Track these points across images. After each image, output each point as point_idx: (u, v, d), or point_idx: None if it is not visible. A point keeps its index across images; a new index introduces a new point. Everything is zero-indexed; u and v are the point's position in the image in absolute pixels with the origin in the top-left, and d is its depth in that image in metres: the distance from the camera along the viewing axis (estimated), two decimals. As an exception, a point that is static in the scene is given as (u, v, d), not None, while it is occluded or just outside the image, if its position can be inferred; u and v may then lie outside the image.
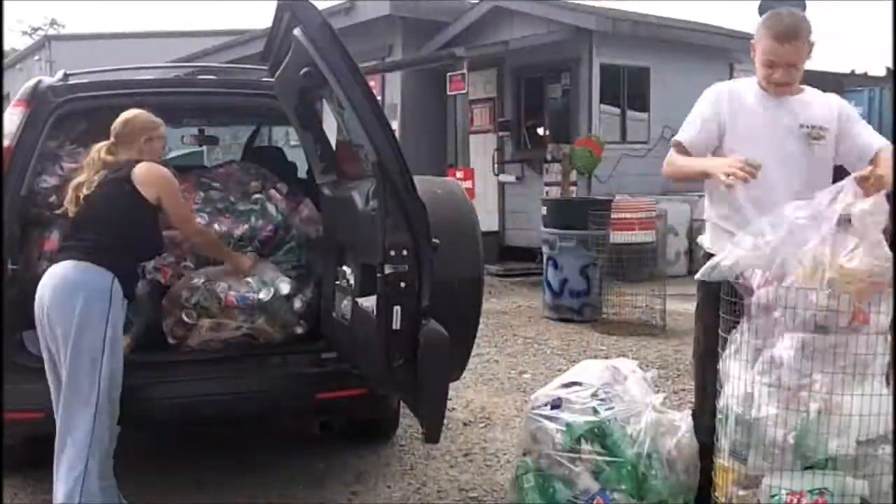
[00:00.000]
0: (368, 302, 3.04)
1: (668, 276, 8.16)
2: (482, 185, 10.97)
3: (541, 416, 3.23)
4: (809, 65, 3.13)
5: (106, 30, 32.54)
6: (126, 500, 3.33)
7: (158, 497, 3.82)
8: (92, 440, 3.13)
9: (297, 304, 3.79)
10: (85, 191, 3.37)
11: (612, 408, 3.14)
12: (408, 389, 3.08)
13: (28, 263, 3.68)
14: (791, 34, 2.98)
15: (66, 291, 3.19)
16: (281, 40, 3.47)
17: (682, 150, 3.17)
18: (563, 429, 3.14)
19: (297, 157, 4.76)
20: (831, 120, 3.10)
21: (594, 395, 3.20)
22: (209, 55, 15.91)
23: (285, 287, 3.73)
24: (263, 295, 3.67)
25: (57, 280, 3.21)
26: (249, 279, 3.71)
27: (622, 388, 3.25)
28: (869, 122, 3.25)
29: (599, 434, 3.09)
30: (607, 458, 3.07)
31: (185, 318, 3.67)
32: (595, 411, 3.14)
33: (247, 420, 4.32)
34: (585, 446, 3.10)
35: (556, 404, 3.23)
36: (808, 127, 3.07)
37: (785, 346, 2.63)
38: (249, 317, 3.67)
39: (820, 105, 3.13)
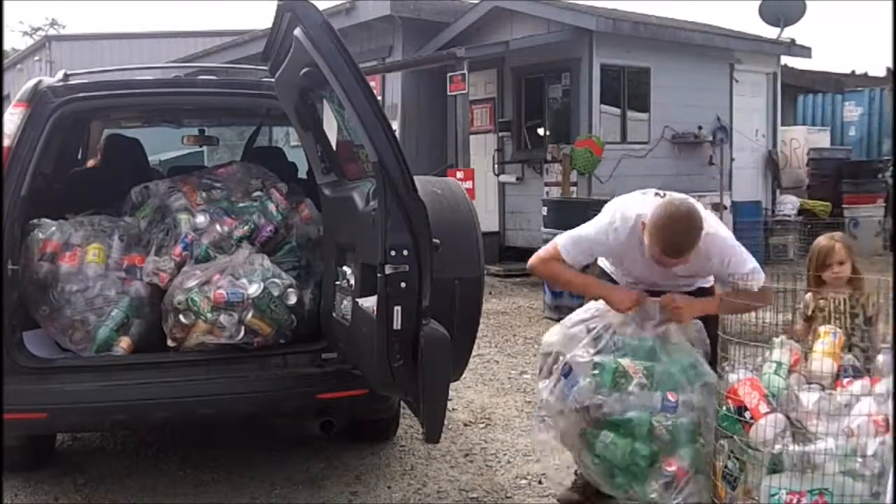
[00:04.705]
0: (369, 302, 3.04)
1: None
2: (482, 185, 10.96)
3: (563, 393, 3.26)
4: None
5: (106, 30, 32.60)
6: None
7: (158, 497, 3.82)
8: None
9: (291, 300, 3.78)
10: None
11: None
12: (408, 390, 3.08)
13: (28, 264, 3.69)
14: (680, 252, 3.17)
15: None
16: (281, 40, 3.47)
17: (563, 261, 3.44)
18: (595, 372, 3.19)
19: (298, 158, 4.76)
20: (703, 269, 3.41)
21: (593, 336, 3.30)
22: (209, 55, 15.90)
23: (276, 288, 3.72)
24: (253, 290, 3.67)
25: None
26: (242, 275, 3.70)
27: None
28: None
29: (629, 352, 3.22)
30: (647, 363, 3.16)
31: (183, 320, 3.66)
32: (599, 345, 3.27)
33: (247, 420, 4.33)
34: (626, 362, 3.18)
35: (566, 371, 3.26)
36: (685, 277, 3.43)
37: None
38: (240, 312, 3.66)
39: (700, 265, 3.35)
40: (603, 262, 3.66)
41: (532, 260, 3.53)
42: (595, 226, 3.45)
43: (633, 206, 3.39)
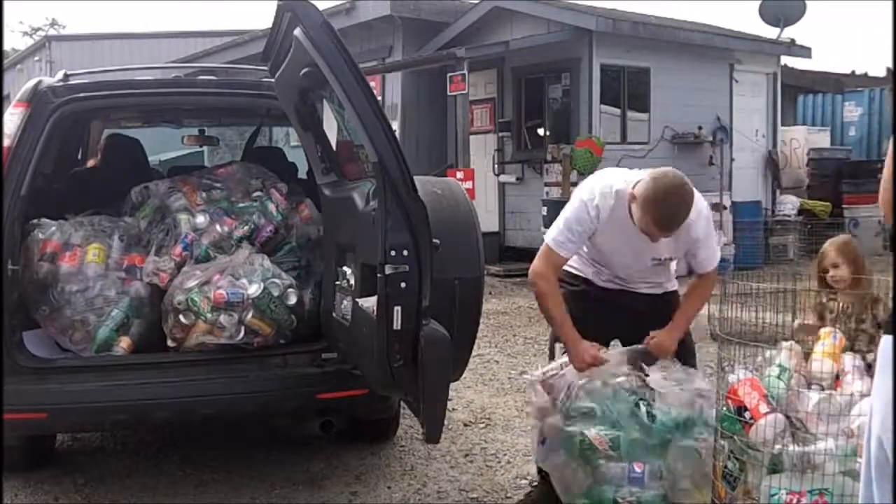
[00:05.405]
0: (369, 302, 3.04)
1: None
2: (482, 185, 10.97)
3: (544, 457, 3.33)
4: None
5: (106, 30, 32.57)
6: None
7: (158, 497, 3.82)
8: None
9: (291, 301, 3.78)
10: None
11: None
12: (408, 390, 3.08)
13: (28, 264, 3.69)
14: (671, 225, 3.15)
15: None
16: (281, 41, 3.47)
17: (560, 258, 3.41)
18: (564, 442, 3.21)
19: (298, 158, 4.77)
20: (680, 249, 3.39)
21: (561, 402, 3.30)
22: (209, 55, 15.91)
23: (276, 288, 3.71)
24: (253, 290, 3.67)
25: None
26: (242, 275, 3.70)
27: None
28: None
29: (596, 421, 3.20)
30: (613, 433, 3.14)
31: (183, 320, 3.66)
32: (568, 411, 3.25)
33: (247, 420, 4.33)
34: (592, 433, 3.16)
35: (542, 439, 3.32)
36: (658, 259, 3.41)
37: None
38: (240, 312, 3.66)
39: (683, 241, 3.34)
40: (572, 262, 3.55)
41: (530, 275, 3.44)
42: (572, 207, 3.40)
43: (608, 181, 3.37)
